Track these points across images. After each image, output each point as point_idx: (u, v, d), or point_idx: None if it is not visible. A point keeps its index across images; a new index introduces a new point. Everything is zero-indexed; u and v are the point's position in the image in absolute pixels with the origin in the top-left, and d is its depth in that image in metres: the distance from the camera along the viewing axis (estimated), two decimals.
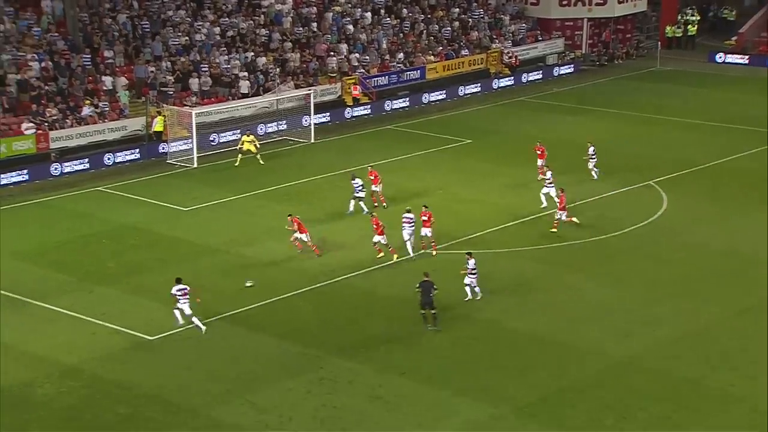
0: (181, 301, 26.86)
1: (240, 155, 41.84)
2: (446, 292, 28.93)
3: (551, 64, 60.18)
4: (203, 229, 34.71)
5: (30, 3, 47.32)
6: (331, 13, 55.42)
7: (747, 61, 62.14)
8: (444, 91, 53.68)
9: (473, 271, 28.42)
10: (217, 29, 50.71)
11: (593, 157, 39.40)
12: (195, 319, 26.87)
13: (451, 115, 50.95)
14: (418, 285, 27.07)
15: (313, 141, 45.79)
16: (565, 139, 45.46)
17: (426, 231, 31.89)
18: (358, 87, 50.98)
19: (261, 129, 45.72)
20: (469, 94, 54.65)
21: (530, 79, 57.91)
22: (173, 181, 40.51)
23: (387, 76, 53.02)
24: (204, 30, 50.18)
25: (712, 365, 25.25)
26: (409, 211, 32.09)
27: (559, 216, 33.79)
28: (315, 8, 55.33)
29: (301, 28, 53.33)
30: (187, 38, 49.24)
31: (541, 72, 58.87)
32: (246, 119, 46.31)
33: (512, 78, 57.11)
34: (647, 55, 64.69)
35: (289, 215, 32.45)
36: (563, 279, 30.72)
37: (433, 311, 27.02)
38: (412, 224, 31.66)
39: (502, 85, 56.52)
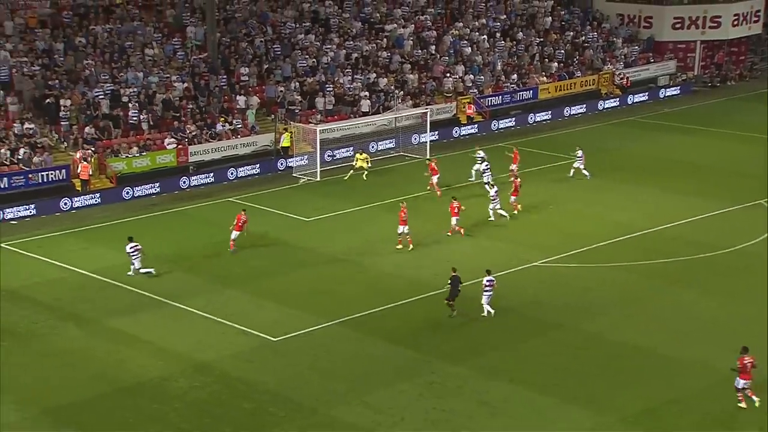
0: (134, 257, 30.44)
1: (351, 171, 42.37)
2: (554, 305, 28.40)
3: (661, 85, 58.48)
4: (324, 237, 35.11)
5: (176, 30, 49.19)
6: (450, 37, 55.44)
7: None
8: (549, 112, 52.67)
9: (487, 289, 27.81)
10: (342, 52, 51.44)
11: (580, 158, 40.88)
12: (143, 270, 30.47)
13: (559, 134, 50.04)
14: (449, 280, 27.70)
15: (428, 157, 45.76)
16: (676, 158, 44.14)
17: (454, 220, 33.91)
18: (472, 106, 50.77)
19: (373, 146, 46.00)
20: (575, 114, 53.53)
21: (636, 100, 56.26)
22: (296, 193, 41.14)
23: (500, 96, 52.58)
24: (330, 53, 50.99)
25: None
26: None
27: (513, 199, 36.44)
28: (434, 32, 55.48)
29: (420, 51, 53.52)
30: (314, 60, 50.13)
31: (647, 93, 57.12)
32: (365, 136, 46.71)
33: (618, 99, 55.69)
34: (761, 76, 62.14)
35: (243, 210, 33.93)
36: (672, 294, 29.75)
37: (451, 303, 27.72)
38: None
39: (607, 106, 55.09)
